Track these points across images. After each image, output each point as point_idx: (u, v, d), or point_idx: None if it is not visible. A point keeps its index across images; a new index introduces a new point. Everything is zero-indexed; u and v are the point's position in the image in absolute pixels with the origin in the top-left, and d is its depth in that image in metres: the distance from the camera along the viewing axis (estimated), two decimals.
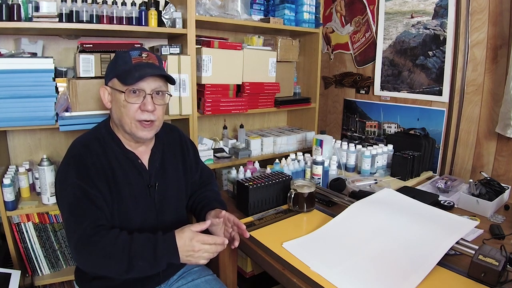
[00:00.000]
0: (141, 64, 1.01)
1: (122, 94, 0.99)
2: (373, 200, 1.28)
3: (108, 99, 1.05)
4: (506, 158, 1.64)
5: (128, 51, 1.03)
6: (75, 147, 1.03)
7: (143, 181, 1.07)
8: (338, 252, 1.03)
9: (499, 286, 0.87)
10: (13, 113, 1.37)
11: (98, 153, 1.01)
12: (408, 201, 1.28)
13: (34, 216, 1.56)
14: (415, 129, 2.00)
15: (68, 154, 1.02)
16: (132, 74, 0.98)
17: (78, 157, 0.99)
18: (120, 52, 1.05)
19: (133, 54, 1.02)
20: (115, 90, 1.01)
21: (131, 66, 1.00)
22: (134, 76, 0.97)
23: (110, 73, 1.04)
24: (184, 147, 1.24)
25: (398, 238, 1.06)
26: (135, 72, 0.98)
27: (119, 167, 1.03)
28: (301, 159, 1.70)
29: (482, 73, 1.70)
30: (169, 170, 1.15)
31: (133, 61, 1.01)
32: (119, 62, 1.02)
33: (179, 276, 1.22)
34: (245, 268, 1.82)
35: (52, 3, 1.38)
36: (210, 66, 1.78)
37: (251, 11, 2.02)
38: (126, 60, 1.01)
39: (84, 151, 1.00)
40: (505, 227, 1.23)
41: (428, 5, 1.87)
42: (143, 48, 1.11)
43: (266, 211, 1.33)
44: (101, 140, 1.04)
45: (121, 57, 1.03)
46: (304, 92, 2.42)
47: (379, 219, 1.15)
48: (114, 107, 1.03)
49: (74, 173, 0.97)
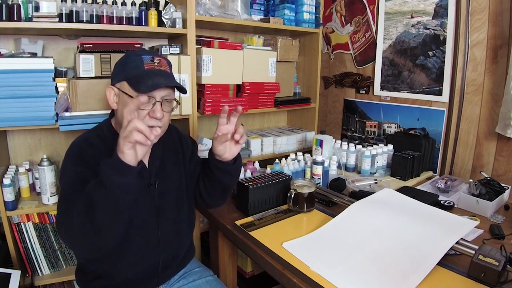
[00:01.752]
0: (154, 71, 0.99)
1: (131, 98, 0.98)
2: (373, 200, 1.28)
3: (114, 100, 1.03)
4: (506, 158, 1.64)
5: (140, 54, 1.01)
6: (77, 142, 1.03)
7: (143, 180, 1.07)
8: (338, 252, 1.03)
9: (499, 286, 0.87)
10: (13, 113, 1.37)
11: (99, 148, 1.01)
12: (408, 201, 1.28)
13: (34, 216, 1.57)
14: (415, 129, 2.00)
15: (70, 148, 1.02)
16: (145, 82, 0.95)
17: (78, 149, 1.00)
18: (131, 54, 1.02)
19: (145, 58, 1.00)
20: (124, 93, 1.00)
21: (143, 72, 0.98)
22: (147, 84, 0.95)
23: (119, 74, 1.01)
24: (184, 145, 1.23)
25: (398, 238, 1.06)
26: (148, 80, 0.96)
27: None
28: (301, 159, 1.70)
29: (482, 73, 1.70)
30: (170, 169, 1.15)
31: (145, 67, 0.98)
32: (130, 65, 1.00)
33: (180, 277, 1.22)
34: (245, 268, 1.82)
35: (52, 3, 1.38)
36: (210, 66, 1.78)
37: (251, 11, 2.02)
38: (138, 64, 0.99)
39: (85, 145, 1.01)
40: (505, 227, 1.23)
41: (428, 5, 1.87)
42: (155, 53, 1.07)
43: (266, 211, 1.33)
44: (103, 137, 1.04)
45: (132, 60, 1.00)
46: (304, 92, 2.42)
47: (379, 219, 1.15)
48: (121, 108, 1.01)
49: (72, 161, 0.97)
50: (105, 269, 1.06)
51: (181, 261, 1.22)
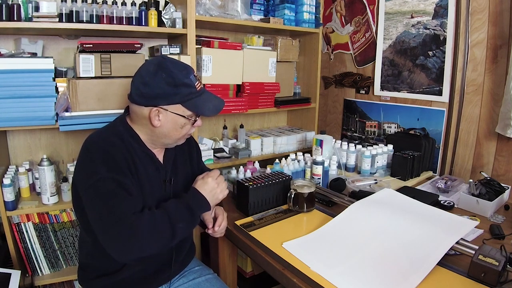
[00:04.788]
0: (205, 92, 1.07)
1: (183, 118, 1.03)
2: (373, 200, 1.28)
3: (158, 119, 1.01)
4: (506, 158, 1.64)
5: (188, 74, 1.01)
6: (96, 142, 1.00)
7: (160, 176, 1.09)
8: (338, 252, 1.03)
9: (499, 286, 0.87)
10: (13, 113, 1.36)
11: (121, 147, 1.01)
12: (408, 201, 1.28)
13: (34, 216, 1.56)
14: (415, 129, 2.00)
15: (91, 149, 0.99)
16: (206, 106, 1.05)
17: (104, 151, 0.97)
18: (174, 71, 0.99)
19: (193, 79, 1.02)
20: (178, 115, 1.02)
21: (197, 94, 1.03)
22: (209, 108, 1.06)
23: (170, 96, 0.99)
24: (191, 146, 1.27)
25: (398, 238, 1.06)
26: (209, 103, 1.06)
27: (140, 163, 1.04)
28: (301, 159, 1.70)
29: (482, 73, 1.70)
30: (180, 167, 1.18)
31: (197, 88, 1.03)
32: (183, 84, 1.00)
33: (180, 275, 1.22)
34: (245, 268, 1.82)
35: (52, 3, 1.38)
36: (210, 66, 1.78)
37: (251, 11, 2.02)
38: (188, 83, 1.01)
39: (108, 147, 0.99)
40: (505, 227, 1.23)
41: (428, 5, 1.87)
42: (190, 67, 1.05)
43: (266, 211, 1.33)
44: (120, 136, 1.03)
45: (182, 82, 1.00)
46: (304, 92, 2.42)
47: (379, 219, 1.15)
48: (167, 126, 1.03)
49: (104, 168, 0.94)
50: (109, 267, 1.06)
51: (182, 260, 1.23)
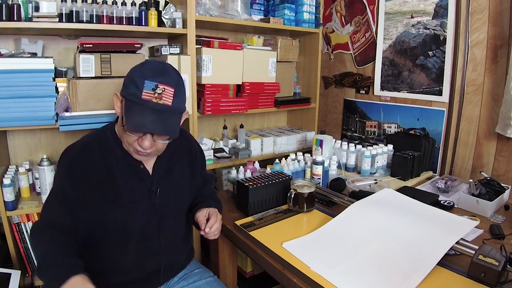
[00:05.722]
0: (148, 104, 0.88)
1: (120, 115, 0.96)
2: (373, 200, 1.28)
3: (119, 107, 0.97)
4: (506, 158, 1.64)
5: (147, 76, 0.90)
6: (71, 149, 1.03)
7: (145, 186, 1.06)
8: (338, 252, 1.03)
9: (499, 286, 0.87)
10: (13, 113, 1.36)
11: (95, 156, 1.00)
12: (408, 201, 1.28)
13: (34, 216, 1.56)
14: (415, 129, 2.00)
15: (63, 156, 1.02)
16: (132, 116, 0.89)
17: (70, 161, 1.00)
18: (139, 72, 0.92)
19: (147, 85, 0.88)
20: (118, 106, 0.99)
21: (138, 100, 0.88)
22: (133, 120, 0.88)
23: (125, 88, 0.93)
24: (193, 156, 1.22)
25: (398, 238, 1.06)
26: (136, 116, 0.88)
27: (120, 172, 1.02)
28: (301, 159, 1.70)
29: (482, 73, 1.70)
30: (175, 175, 1.13)
31: (143, 95, 0.88)
32: (131, 86, 0.90)
33: (180, 278, 1.21)
34: (245, 268, 1.82)
35: (52, 3, 1.38)
36: (210, 66, 1.78)
37: (251, 11, 2.02)
38: (139, 87, 0.89)
39: (78, 155, 1.00)
40: (505, 227, 1.23)
41: (428, 5, 1.87)
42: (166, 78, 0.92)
43: (266, 211, 1.33)
44: (104, 143, 1.03)
45: (137, 80, 0.90)
46: (304, 92, 2.42)
47: (379, 219, 1.15)
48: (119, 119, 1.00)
49: (64, 173, 1.00)
50: (99, 269, 1.03)
51: (181, 265, 1.22)
